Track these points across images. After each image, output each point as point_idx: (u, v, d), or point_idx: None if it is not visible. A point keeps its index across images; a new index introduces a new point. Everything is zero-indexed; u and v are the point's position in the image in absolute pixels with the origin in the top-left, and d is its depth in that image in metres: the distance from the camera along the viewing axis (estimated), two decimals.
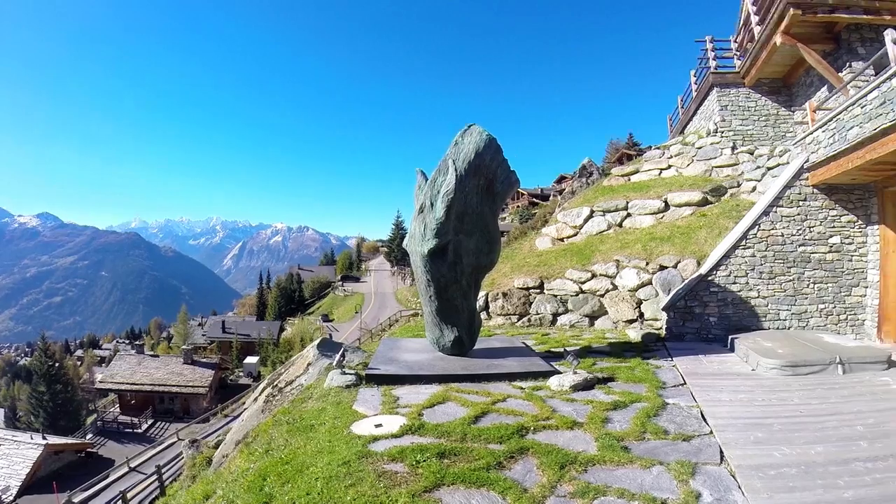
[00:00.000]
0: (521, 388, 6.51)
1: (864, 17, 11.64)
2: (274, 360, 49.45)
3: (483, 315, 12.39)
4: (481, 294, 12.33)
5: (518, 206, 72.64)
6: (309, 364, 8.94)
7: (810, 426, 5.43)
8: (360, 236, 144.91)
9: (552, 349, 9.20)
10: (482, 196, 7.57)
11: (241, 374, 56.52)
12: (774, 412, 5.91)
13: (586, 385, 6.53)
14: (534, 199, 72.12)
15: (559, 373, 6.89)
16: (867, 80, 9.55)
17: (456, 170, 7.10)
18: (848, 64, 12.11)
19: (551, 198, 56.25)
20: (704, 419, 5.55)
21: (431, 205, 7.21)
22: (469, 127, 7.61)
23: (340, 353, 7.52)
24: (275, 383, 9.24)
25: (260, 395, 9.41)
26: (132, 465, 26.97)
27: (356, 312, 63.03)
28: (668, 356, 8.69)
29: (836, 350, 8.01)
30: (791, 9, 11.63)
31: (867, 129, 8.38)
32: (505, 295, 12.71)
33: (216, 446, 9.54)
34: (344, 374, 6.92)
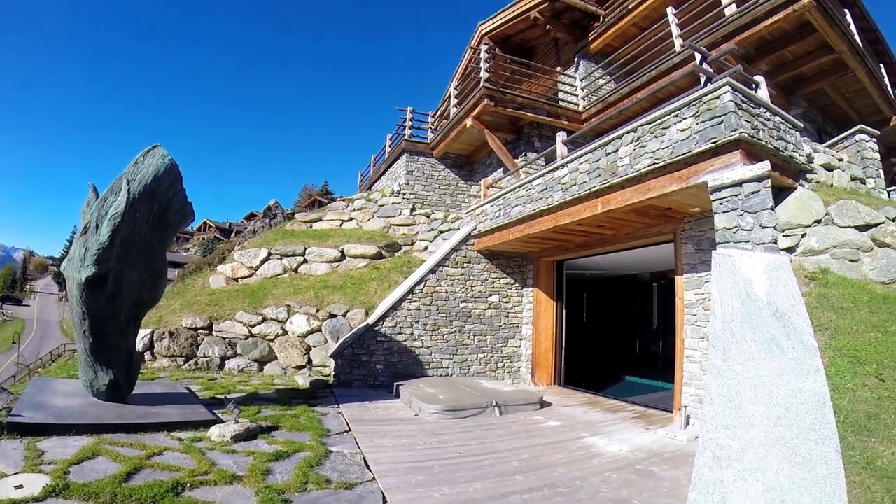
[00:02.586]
0: (181, 440, 5.69)
1: (546, 118, 13.61)
2: None
3: (147, 356, 10.93)
4: (146, 332, 10.95)
5: (203, 239, 67.52)
6: None
7: (469, 465, 5.54)
8: (29, 249, 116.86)
9: (217, 395, 8.36)
10: (153, 224, 6.66)
11: None
12: (435, 455, 5.94)
13: (249, 435, 5.96)
14: (219, 235, 67.91)
15: (222, 422, 6.22)
16: (536, 169, 11.13)
17: (129, 191, 6.13)
18: (524, 153, 13.93)
19: (234, 235, 53.62)
20: (367, 466, 5.37)
21: (97, 226, 6.09)
22: (154, 147, 6.70)
23: None
24: None
25: None
26: None
27: (14, 343, 49.31)
28: (335, 403, 8.50)
29: (493, 394, 8.64)
30: (486, 99, 12.97)
31: (528, 209, 9.60)
32: (172, 335, 11.22)
33: None
34: None
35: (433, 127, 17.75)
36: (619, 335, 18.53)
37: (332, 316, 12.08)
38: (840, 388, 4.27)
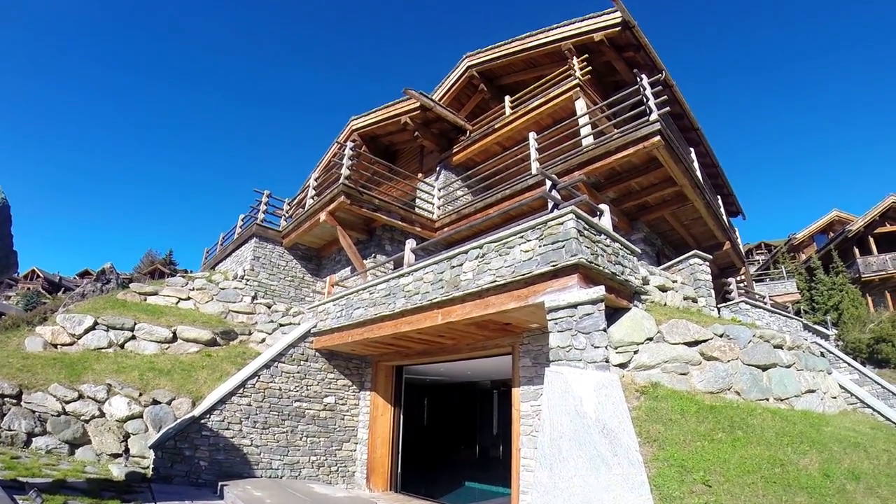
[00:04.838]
0: None
1: (400, 223, 13.85)
2: None
3: None
4: None
5: (29, 289, 58.17)
6: None
7: None
8: None
9: (20, 478, 7.19)
10: None
11: None
12: None
13: None
14: (45, 289, 59.25)
15: None
16: (384, 273, 11.22)
17: None
18: (374, 255, 14.05)
19: (63, 292, 47.44)
20: None
21: None
22: None
23: None
24: None
25: None
26: None
27: None
28: (152, 500, 7.66)
29: (325, 500, 8.24)
30: (343, 196, 12.99)
31: (370, 313, 9.64)
32: None
33: None
34: None
35: (288, 214, 17.48)
36: (459, 440, 18.52)
37: (155, 402, 10.99)
38: (668, 496, 4.51)
